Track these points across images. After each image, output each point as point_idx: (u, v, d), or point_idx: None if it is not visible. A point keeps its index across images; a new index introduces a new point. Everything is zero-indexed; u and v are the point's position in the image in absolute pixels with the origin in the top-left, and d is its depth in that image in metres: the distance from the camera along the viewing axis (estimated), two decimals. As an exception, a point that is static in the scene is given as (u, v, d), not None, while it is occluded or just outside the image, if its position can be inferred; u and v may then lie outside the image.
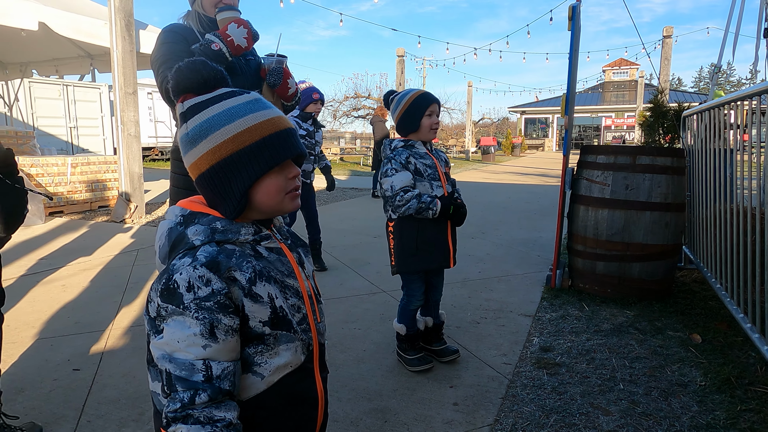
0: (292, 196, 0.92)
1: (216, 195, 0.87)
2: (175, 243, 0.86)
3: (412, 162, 2.24)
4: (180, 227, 0.86)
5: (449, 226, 2.29)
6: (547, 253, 4.70)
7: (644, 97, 24.58)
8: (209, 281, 0.80)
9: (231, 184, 0.86)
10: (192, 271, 0.79)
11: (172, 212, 0.89)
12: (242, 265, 0.84)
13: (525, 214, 7.04)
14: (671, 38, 13.84)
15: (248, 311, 0.84)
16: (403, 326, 2.39)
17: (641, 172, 3.20)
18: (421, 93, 2.26)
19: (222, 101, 0.88)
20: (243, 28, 1.99)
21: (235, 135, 0.85)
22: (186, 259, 0.81)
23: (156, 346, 0.81)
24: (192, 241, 0.84)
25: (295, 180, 0.91)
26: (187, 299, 0.79)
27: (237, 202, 0.86)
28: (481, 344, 2.66)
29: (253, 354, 0.86)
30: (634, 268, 3.27)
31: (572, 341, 2.67)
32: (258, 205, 0.88)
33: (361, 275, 3.97)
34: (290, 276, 0.93)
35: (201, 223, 0.86)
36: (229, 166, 0.85)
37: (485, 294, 3.50)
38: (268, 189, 0.87)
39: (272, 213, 0.91)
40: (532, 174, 14.67)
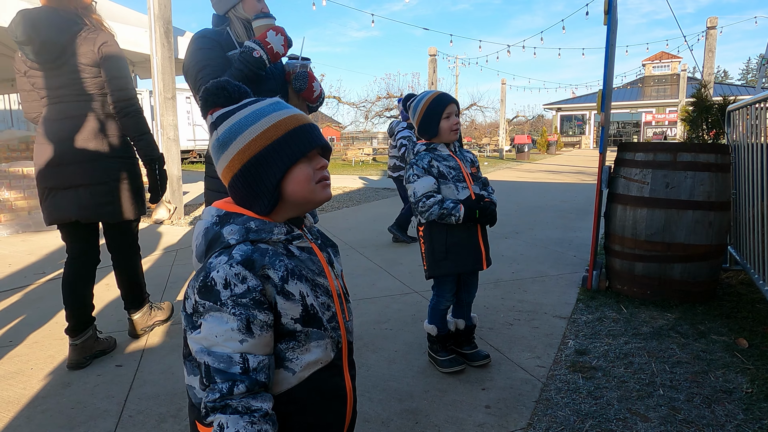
0: (323, 186, 0.95)
1: (250, 193, 0.90)
2: (212, 242, 0.89)
3: (434, 165, 2.22)
4: (216, 227, 0.90)
5: (479, 227, 2.26)
6: (583, 254, 4.59)
7: (687, 92, 23.65)
8: (245, 278, 0.83)
9: (263, 179, 0.89)
10: (228, 269, 0.83)
11: (208, 213, 0.93)
12: (275, 264, 0.87)
13: (560, 214, 6.89)
14: (716, 29, 13.26)
15: (281, 308, 0.87)
16: (434, 327, 2.38)
17: (682, 170, 3.09)
18: (436, 95, 2.24)
19: (248, 106, 0.94)
20: (280, 35, 2.05)
21: (262, 132, 0.90)
22: (222, 257, 0.85)
23: (194, 340, 0.84)
24: (227, 240, 0.87)
25: (323, 170, 0.95)
26: (225, 296, 0.82)
27: (270, 195, 0.90)
28: (514, 346, 2.62)
29: (285, 350, 0.89)
30: (675, 270, 3.15)
31: (609, 344, 2.59)
32: (290, 197, 0.91)
33: (393, 275, 3.98)
34: (320, 275, 0.96)
35: (236, 222, 0.89)
36: (260, 162, 0.89)
37: (519, 295, 3.45)
38: (298, 179, 0.91)
39: (305, 204, 0.94)
40: (568, 172, 14.34)
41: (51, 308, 3.30)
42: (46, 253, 4.86)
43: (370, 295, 3.50)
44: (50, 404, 2.12)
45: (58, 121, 2.34)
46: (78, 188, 2.36)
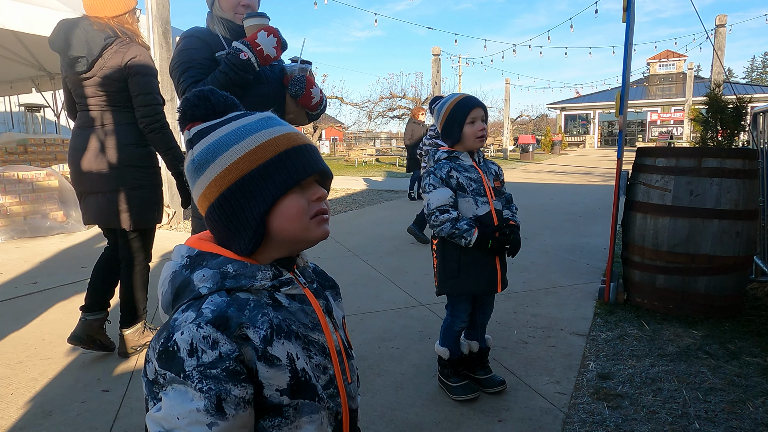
0: (318, 221, 0.77)
1: (228, 227, 0.74)
2: (179, 290, 0.72)
3: (454, 176, 2.04)
4: (185, 271, 0.73)
5: None
6: (596, 262, 4.40)
7: (694, 90, 23.37)
8: (216, 343, 0.66)
9: (245, 211, 0.73)
10: (195, 331, 0.65)
11: (177, 252, 0.76)
12: (257, 320, 0.70)
13: (569, 217, 6.70)
14: (725, 27, 13.03)
15: (263, 378, 0.70)
16: (446, 350, 2.19)
17: (708, 176, 2.89)
18: (461, 98, 2.06)
19: (231, 122, 0.76)
20: (272, 37, 1.86)
21: (246, 153, 0.73)
22: (189, 314, 0.68)
23: (152, 420, 0.67)
24: (198, 289, 0.71)
25: (320, 202, 0.77)
26: (189, 365, 0.65)
27: (253, 231, 0.73)
28: (530, 369, 2.43)
29: (270, 428, 0.71)
30: (699, 283, 2.95)
31: (634, 367, 2.40)
32: (278, 234, 0.74)
33: (399, 286, 3.80)
34: (315, 329, 0.78)
35: (210, 266, 0.72)
36: (242, 190, 0.72)
37: (532, 309, 3.26)
38: (288, 213, 0.74)
39: (297, 243, 0.77)
40: (574, 173, 14.13)
41: (39, 323, 3.13)
42: (40, 261, 4.70)
43: (374, 309, 3.32)
44: (27, 437, 1.95)
45: (85, 128, 2.44)
46: (98, 194, 2.46)
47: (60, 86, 10.07)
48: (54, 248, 5.27)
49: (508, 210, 2.18)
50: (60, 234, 6.05)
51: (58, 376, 2.46)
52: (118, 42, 2.31)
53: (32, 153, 7.79)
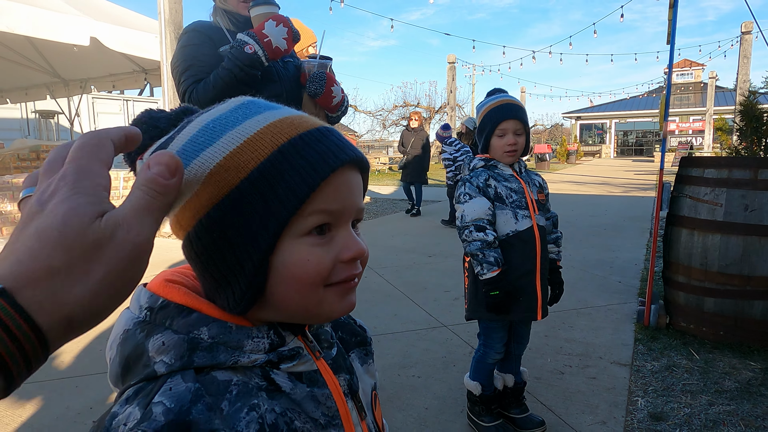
0: (342, 290, 0.50)
1: (213, 272, 0.48)
2: (128, 361, 0.47)
3: (492, 185, 1.80)
4: (140, 333, 0.47)
5: (539, 268, 1.82)
6: (629, 279, 4.10)
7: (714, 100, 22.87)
8: None
9: (235, 248, 0.46)
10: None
11: (136, 301, 0.50)
12: (238, 421, 0.44)
13: (593, 230, 6.39)
14: (750, 34, 12.65)
15: None
16: (477, 384, 1.93)
17: (765, 190, 2.61)
18: (496, 105, 1.81)
19: (191, 122, 0.49)
20: (282, 26, 1.64)
21: (227, 157, 0.46)
22: (132, 411, 0.42)
23: None
24: (153, 366, 0.45)
25: (353, 264, 0.50)
26: None
27: (249, 279, 0.47)
28: (570, 405, 2.16)
29: None
30: (756, 307, 2.66)
31: (689, 405, 2.12)
32: (277, 300, 0.48)
33: (418, 304, 3.54)
34: (331, 424, 0.52)
35: (175, 328, 0.47)
36: (229, 214, 0.46)
37: (564, 332, 2.98)
38: (296, 267, 0.47)
39: (302, 319, 0.51)
40: (593, 183, 13.77)
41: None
42: (44, 271, 4.53)
43: (392, 330, 3.07)
44: (5, 479, 1.73)
45: None
46: None
47: (73, 93, 10.08)
48: (60, 258, 5.11)
49: (554, 244, 1.93)
50: (67, 242, 5.91)
51: (48, 403, 2.24)
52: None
53: (45, 159, 7.72)
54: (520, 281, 1.79)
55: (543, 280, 1.84)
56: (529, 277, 1.80)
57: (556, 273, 1.94)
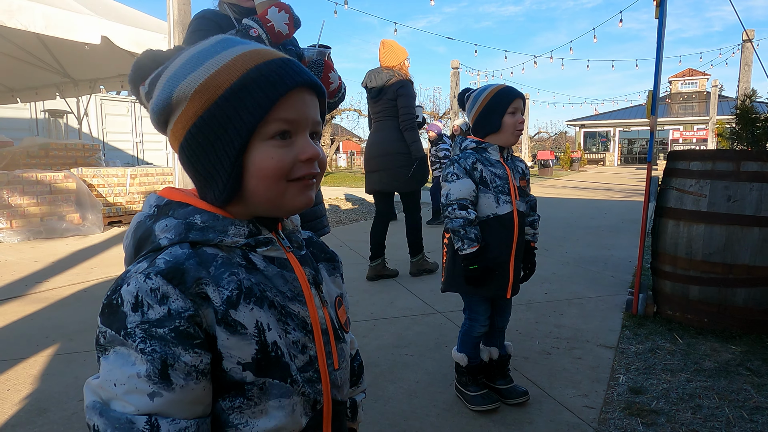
0: (301, 186, 0.63)
1: (199, 170, 0.62)
2: (140, 242, 0.62)
3: (478, 168, 1.91)
4: (149, 221, 0.62)
5: (514, 250, 1.93)
6: (622, 274, 4.19)
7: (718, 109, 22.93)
8: (165, 297, 0.55)
9: (215, 148, 0.60)
10: (143, 282, 0.55)
11: (147, 202, 0.65)
12: (221, 278, 0.59)
13: (591, 231, 6.47)
14: (752, 42, 12.73)
15: (222, 347, 0.58)
16: (464, 356, 2.04)
17: (747, 181, 2.71)
18: (503, 87, 1.93)
19: (181, 54, 0.64)
20: (284, 12, 1.77)
21: (207, 79, 0.60)
22: (142, 264, 0.58)
23: (89, 389, 0.57)
24: (158, 240, 0.60)
25: (310, 164, 0.63)
26: (132, 322, 0.54)
27: (227, 174, 0.60)
28: (555, 381, 2.25)
29: (228, 410, 0.59)
30: (738, 295, 2.75)
31: (669, 382, 2.21)
32: (251, 194, 0.62)
33: (414, 293, 3.65)
34: (295, 300, 0.65)
35: (175, 215, 0.62)
36: (210, 123, 0.60)
37: (554, 319, 3.08)
38: (262, 166, 0.60)
39: (270, 209, 0.64)
40: (595, 189, 13.85)
41: (45, 321, 3.06)
42: (53, 261, 4.66)
43: (388, 315, 3.18)
44: (19, 435, 1.84)
45: (376, 132, 4.03)
46: (380, 172, 3.96)
47: (83, 93, 10.24)
48: (68, 249, 5.25)
49: (530, 227, 2.04)
50: (75, 236, 6.05)
51: (57, 373, 2.36)
52: (394, 78, 3.84)
53: (53, 157, 7.86)
54: (496, 260, 1.90)
55: (517, 261, 1.95)
56: (505, 257, 1.91)
57: (530, 254, 2.05)
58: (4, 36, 7.50)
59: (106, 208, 6.83)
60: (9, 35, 7.39)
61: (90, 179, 6.82)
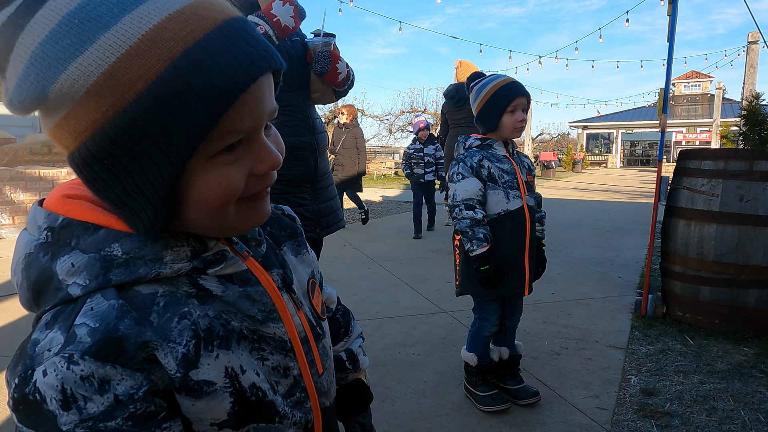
0: (253, 203, 0.48)
1: (112, 198, 0.43)
2: (38, 288, 0.44)
3: (485, 166, 1.87)
4: (44, 256, 0.44)
5: (527, 246, 1.89)
6: (629, 275, 4.15)
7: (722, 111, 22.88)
8: (105, 383, 0.40)
9: (132, 176, 0.41)
10: (65, 370, 0.39)
11: (33, 222, 0.46)
12: (169, 330, 0.44)
13: (596, 232, 6.43)
14: (757, 44, 12.68)
15: (188, 412, 0.45)
16: (473, 356, 2.00)
17: (761, 180, 2.67)
18: (505, 82, 1.87)
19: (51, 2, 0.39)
20: (288, 5, 1.73)
21: (107, 71, 0.38)
22: (54, 335, 0.41)
23: None
24: (66, 289, 0.42)
25: (267, 177, 0.47)
26: (68, 422, 0.39)
27: (155, 208, 0.42)
28: (565, 381, 2.22)
29: None
30: (750, 296, 2.71)
31: (681, 384, 2.18)
32: (189, 221, 0.46)
33: (419, 292, 3.61)
34: (268, 320, 0.52)
35: (83, 247, 0.43)
36: (118, 141, 0.40)
37: (562, 319, 3.04)
38: (206, 190, 0.43)
39: (217, 234, 0.49)
40: (598, 190, 13.80)
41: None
42: (55, 258, 4.63)
43: (394, 314, 3.14)
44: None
45: (452, 138, 4.51)
46: None
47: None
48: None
49: (539, 223, 2.01)
50: (77, 233, 6.03)
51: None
52: None
53: (56, 154, 7.85)
54: (510, 258, 1.86)
55: (531, 257, 1.91)
56: (519, 254, 1.87)
57: (540, 251, 2.02)
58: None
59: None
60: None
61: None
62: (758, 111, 5.87)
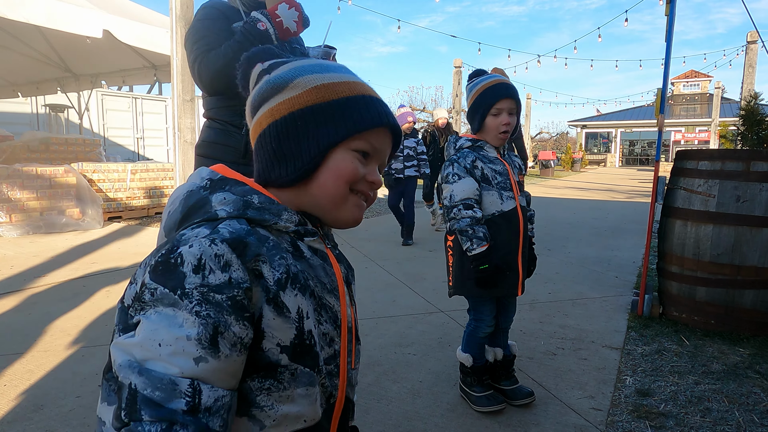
0: (357, 201, 0.69)
1: (283, 148, 0.66)
2: (192, 210, 0.62)
3: (479, 166, 1.87)
4: (203, 191, 0.63)
5: (521, 246, 1.89)
6: (626, 275, 4.15)
7: (721, 111, 22.90)
8: (228, 265, 0.55)
9: (307, 139, 0.65)
10: (208, 246, 0.55)
11: (197, 174, 0.66)
12: (273, 259, 0.60)
13: (594, 231, 6.44)
14: (756, 44, 12.68)
15: (266, 326, 0.58)
16: (468, 356, 2.00)
17: (757, 181, 2.67)
18: (492, 84, 1.84)
19: (309, 58, 0.72)
20: (294, 10, 1.74)
21: (325, 84, 0.66)
22: (202, 230, 0.58)
23: (121, 348, 0.54)
24: (215, 211, 0.61)
25: (371, 186, 0.70)
26: (191, 283, 0.53)
27: (310, 158, 0.65)
28: (560, 382, 2.22)
29: (257, 391, 0.59)
30: (746, 297, 2.71)
31: (676, 384, 2.18)
32: (318, 185, 0.66)
33: (416, 292, 3.61)
34: (332, 293, 0.68)
35: (233, 191, 0.63)
36: (316, 114, 0.65)
37: (559, 319, 3.04)
38: (340, 166, 0.66)
39: (325, 207, 0.68)
40: (597, 189, 13.80)
41: (43, 316, 3.02)
42: (52, 256, 4.63)
43: (391, 314, 3.14)
44: (15, 431, 1.80)
45: None
46: None
47: (84, 87, 10.19)
48: (68, 244, 5.21)
49: (529, 221, 2.01)
50: (75, 231, 6.01)
51: (55, 368, 2.32)
52: None
53: (54, 152, 7.82)
54: (505, 259, 1.86)
55: (524, 257, 1.91)
56: (513, 254, 1.88)
57: (530, 249, 2.02)
58: (5, 29, 7.46)
59: (106, 204, 6.80)
60: (11, 28, 7.35)
61: (90, 174, 6.78)
62: (756, 111, 5.86)
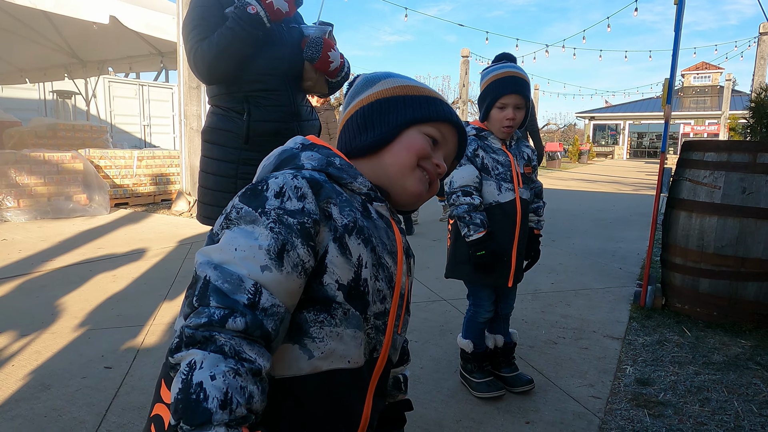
0: (421, 177, 0.80)
1: (366, 121, 0.81)
2: (283, 163, 0.76)
3: (480, 155, 1.87)
4: (295, 150, 0.77)
5: (516, 239, 1.89)
6: (630, 266, 4.15)
7: (731, 103, 22.63)
8: (303, 197, 0.67)
9: (389, 114, 0.80)
10: (290, 179, 0.68)
11: (292, 140, 0.81)
12: (344, 209, 0.70)
13: (599, 223, 6.42)
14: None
15: (330, 261, 0.68)
16: (469, 342, 2.02)
17: (763, 173, 2.65)
18: (501, 76, 1.83)
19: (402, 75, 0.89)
20: None
21: (410, 85, 0.84)
22: (287, 171, 0.71)
23: (203, 252, 0.65)
24: (302, 163, 0.74)
25: (437, 169, 0.82)
26: (271, 204, 0.66)
27: (389, 128, 0.79)
28: (560, 370, 2.23)
29: (312, 322, 0.67)
30: (749, 289, 2.71)
31: (677, 374, 2.18)
32: (390, 155, 0.79)
33: (419, 280, 3.62)
34: (391, 255, 0.76)
35: (320, 152, 0.77)
36: (394, 102, 0.81)
37: (561, 309, 3.05)
38: (411, 141, 0.79)
39: (393, 177, 0.79)
40: (603, 181, 13.73)
41: (50, 298, 3.06)
42: (59, 241, 4.67)
43: (394, 301, 3.16)
44: (22, 410, 1.84)
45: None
46: None
47: (91, 74, 10.22)
48: (75, 229, 5.26)
49: (534, 214, 2.00)
50: (82, 217, 6.06)
51: (61, 350, 2.36)
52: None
53: (61, 138, 7.86)
54: (498, 248, 1.86)
55: (519, 250, 1.91)
56: (506, 246, 1.88)
57: (534, 241, 2.01)
58: (13, 15, 7.47)
59: (112, 190, 6.84)
60: (18, 14, 7.36)
61: (97, 160, 6.82)
62: (766, 103, 5.79)
